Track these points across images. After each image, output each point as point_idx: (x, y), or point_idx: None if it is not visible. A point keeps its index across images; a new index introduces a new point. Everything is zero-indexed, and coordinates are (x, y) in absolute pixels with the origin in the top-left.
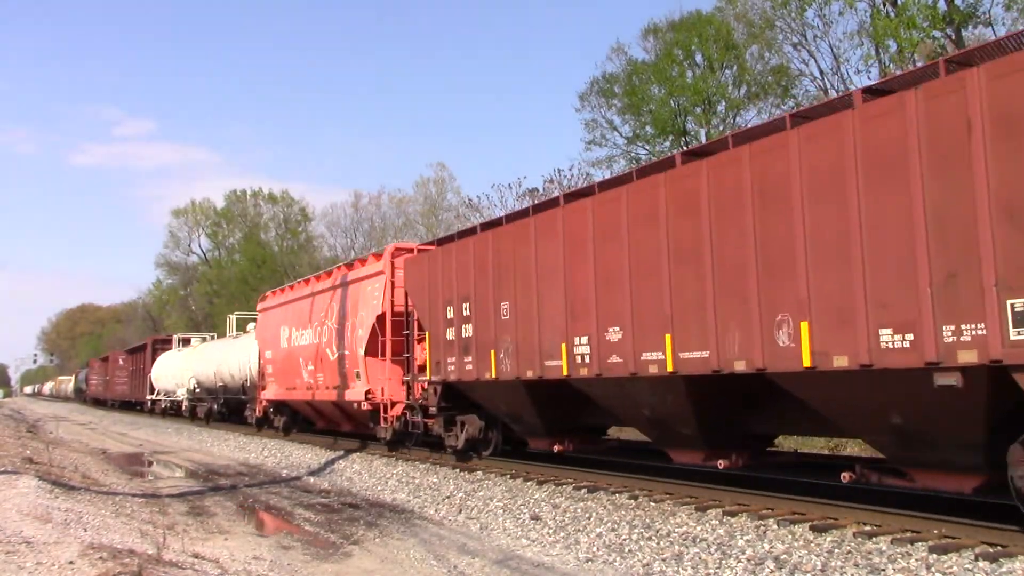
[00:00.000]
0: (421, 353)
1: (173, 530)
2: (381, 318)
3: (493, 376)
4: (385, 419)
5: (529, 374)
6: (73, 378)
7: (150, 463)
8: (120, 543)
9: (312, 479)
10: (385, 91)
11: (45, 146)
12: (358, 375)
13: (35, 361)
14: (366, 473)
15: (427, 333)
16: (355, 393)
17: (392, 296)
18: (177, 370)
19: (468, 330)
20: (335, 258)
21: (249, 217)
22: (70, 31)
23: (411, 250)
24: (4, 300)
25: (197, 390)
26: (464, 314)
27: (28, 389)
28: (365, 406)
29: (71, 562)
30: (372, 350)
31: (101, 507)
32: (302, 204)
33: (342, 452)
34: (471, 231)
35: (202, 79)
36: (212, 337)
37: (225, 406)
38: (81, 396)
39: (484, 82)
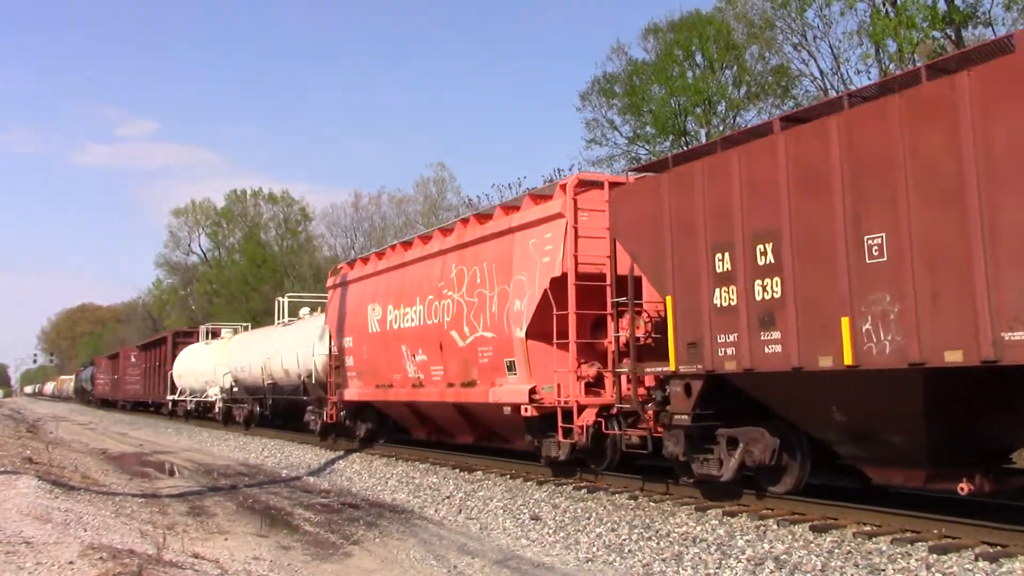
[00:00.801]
0: (620, 332)
1: (173, 530)
2: (558, 283)
3: (846, 362)
4: (567, 430)
5: (953, 357)
6: (74, 377)
7: (150, 463)
8: (120, 543)
9: (312, 479)
10: (385, 91)
11: (47, 146)
12: (511, 367)
13: (35, 361)
14: (366, 473)
15: (668, 300)
16: (506, 393)
17: (575, 249)
18: (208, 366)
19: (772, 287)
20: (335, 258)
21: (249, 217)
22: (72, 31)
23: (599, 184)
24: (4, 300)
25: (235, 389)
26: (761, 263)
27: (29, 389)
28: (528, 411)
29: (71, 562)
30: (538, 331)
31: (101, 507)
32: (302, 204)
33: (342, 452)
34: (762, 129)
35: (204, 79)
36: (246, 328)
37: (273, 408)
38: (83, 397)
39: (484, 82)
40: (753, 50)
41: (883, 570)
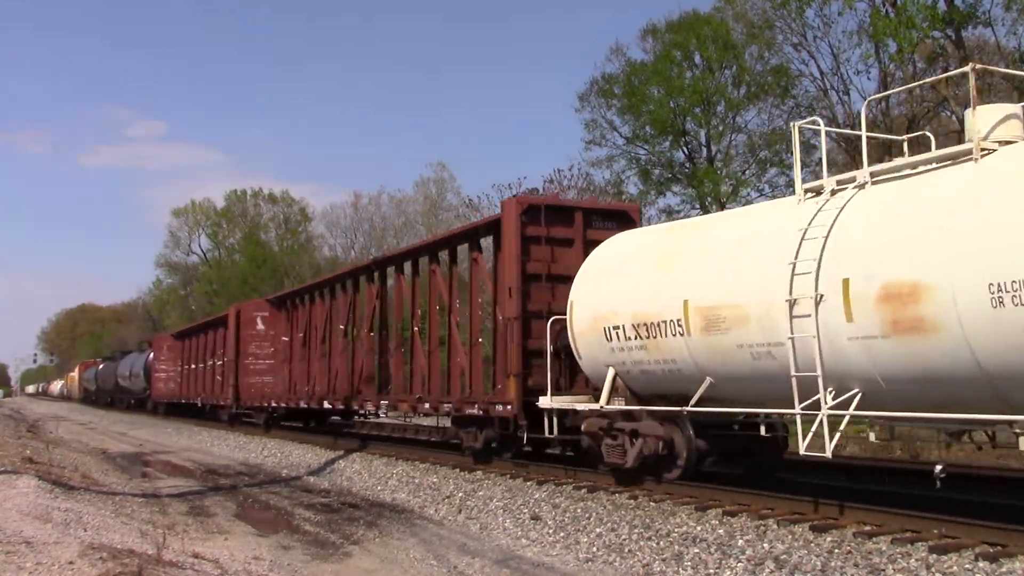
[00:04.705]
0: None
1: (173, 530)
2: None
3: None
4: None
5: None
6: (77, 375)
7: (150, 463)
8: (120, 543)
9: (312, 479)
10: (386, 91)
11: (56, 148)
12: None
13: (35, 361)
14: (366, 473)
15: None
16: None
17: None
18: None
19: None
20: (335, 258)
21: (249, 217)
22: (80, 32)
23: None
24: (4, 300)
25: None
26: None
27: (31, 388)
28: None
29: (71, 562)
30: None
31: (101, 507)
32: (302, 204)
33: (342, 452)
34: None
35: (212, 79)
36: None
37: None
38: (119, 397)
39: (484, 82)
40: (752, 50)
41: (883, 570)
